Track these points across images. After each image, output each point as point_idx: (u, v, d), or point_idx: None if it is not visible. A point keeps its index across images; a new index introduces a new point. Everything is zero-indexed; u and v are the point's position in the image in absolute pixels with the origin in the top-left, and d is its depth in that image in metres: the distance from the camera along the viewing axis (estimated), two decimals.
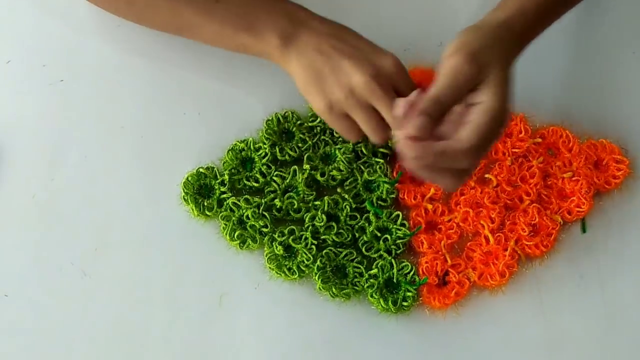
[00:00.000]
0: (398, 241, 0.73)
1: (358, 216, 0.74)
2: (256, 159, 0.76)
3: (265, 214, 0.73)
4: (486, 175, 0.76)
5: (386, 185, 0.74)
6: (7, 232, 0.75)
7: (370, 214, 0.74)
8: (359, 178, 0.75)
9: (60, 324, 0.72)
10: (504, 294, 0.73)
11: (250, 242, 0.73)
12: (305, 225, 0.73)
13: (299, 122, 0.77)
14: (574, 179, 0.75)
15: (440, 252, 0.73)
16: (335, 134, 0.76)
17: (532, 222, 0.74)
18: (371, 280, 0.72)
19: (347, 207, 0.73)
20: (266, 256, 0.73)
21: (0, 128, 0.78)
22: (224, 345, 0.72)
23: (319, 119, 0.76)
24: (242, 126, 0.78)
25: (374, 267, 0.72)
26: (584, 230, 0.76)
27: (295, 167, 0.75)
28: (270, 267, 0.73)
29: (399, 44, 0.80)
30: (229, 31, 0.71)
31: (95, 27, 0.80)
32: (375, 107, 0.66)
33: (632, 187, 0.77)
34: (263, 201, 0.74)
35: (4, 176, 0.76)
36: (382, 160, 0.75)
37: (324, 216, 0.73)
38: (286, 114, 0.77)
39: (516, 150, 0.76)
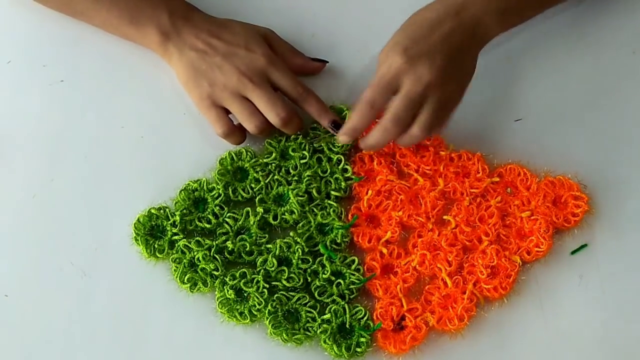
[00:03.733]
0: (352, 286, 0.71)
1: (310, 260, 0.72)
2: (209, 200, 0.74)
3: (217, 256, 0.72)
4: (444, 217, 0.75)
5: (340, 230, 0.73)
6: (7, 232, 0.74)
7: (324, 258, 0.72)
8: (313, 221, 0.73)
9: (60, 324, 0.71)
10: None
11: (201, 285, 0.71)
12: (257, 269, 0.72)
13: (253, 159, 0.75)
14: (532, 218, 0.74)
15: (396, 297, 0.72)
16: (291, 170, 0.75)
17: (491, 264, 0.73)
18: (324, 325, 0.70)
19: (299, 250, 0.72)
20: (217, 300, 0.71)
21: (1, 128, 0.78)
22: (224, 344, 0.71)
23: (273, 156, 0.75)
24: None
25: (327, 311, 0.70)
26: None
27: (248, 209, 0.74)
28: (221, 312, 0.71)
29: None
30: (114, 21, 0.76)
31: (95, 27, 0.80)
32: (247, 98, 0.72)
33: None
34: (214, 243, 0.72)
35: (4, 176, 0.76)
36: (335, 204, 0.74)
37: (274, 260, 0.71)
38: (240, 151, 0.76)
39: (474, 190, 0.75)
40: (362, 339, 0.70)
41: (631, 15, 0.84)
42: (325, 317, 0.70)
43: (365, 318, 0.70)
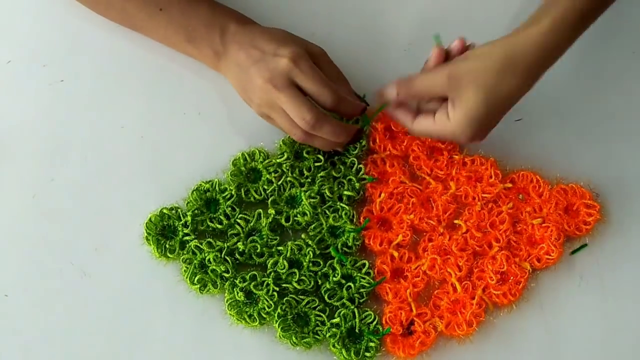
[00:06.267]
0: (361, 290, 0.71)
1: (321, 263, 0.72)
2: (221, 201, 0.74)
3: (228, 258, 0.72)
4: (455, 221, 0.75)
5: (352, 233, 0.72)
6: (7, 232, 0.74)
7: (335, 261, 0.72)
8: (324, 223, 0.73)
9: (60, 324, 0.72)
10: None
11: (210, 286, 0.71)
12: (268, 271, 0.72)
13: (266, 160, 0.75)
14: (544, 225, 0.74)
15: (405, 301, 0.72)
16: (305, 172, 0.75)
17: (501, 270, 0.73)
18: (333, 329, 0.70)
19: (310, 253, 0.72)
20: (226, 302, 0.71)
21: (1, 128, 0.77)
22: (222, 345, 0.71)
23: (286, 156, 0.75)
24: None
25: (336, 315, 0.71)
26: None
27: (260, 210, 0.73)
28: (230, 314, 0.71)
29: (399, 44, 0.80)
30: (172, 39, 0.75)
31: (95, 27, 0.80)
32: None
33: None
34: (225, 245, 0.72)
35: (4, 176, 0.76)
36: (347, 207, 0.74)
37: (285, 263, 0.71)
38: (253, 152, 0.76)
39: (486, 195, 0.75)
40: (371, 344, 0.70)
41: (631, 15, 0.83)
42: (334, 321, 0.70)
43: (375, 322, 0.70)
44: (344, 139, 0.72)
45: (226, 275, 0.71)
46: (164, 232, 0.74)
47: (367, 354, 0.70)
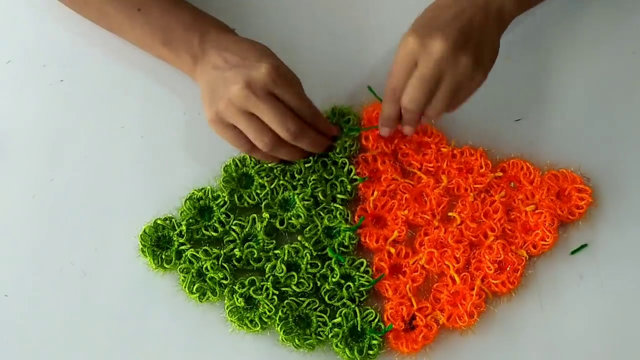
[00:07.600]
0: (361, 288, 0.71)
1: (319, 264, 0.72)
2: (214, 208, 0.74)
3: (225, 265, 0.71)
4: (450, 214, 0.75)
5: (348, 232, 0.72)
6: (7, 232, 0.74)
7: (332, 261, 0.72)
8: (319, 224, 0.73)
9: (60, 324, 0.71)
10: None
11: (210, 294, 0.71)
12: (266, 275, 0.71)
13: (257, 165, 0.75)
14: (537, 211, 0.74)
15: (405, 297, 0.72)
16: (296, 175, 0.74)
17: (498, 259, 0.73)
18: (335, 329, 0.70)
19: (308, 255, 0.71)
20: (227, 309, 0.71)
21: (1, 128, 0.77)
22: (224, 352, 0.71)
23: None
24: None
25: (337, 315, 0.70)
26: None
27: (255, 215, 0.73)
28: (231, 320, 0.70)
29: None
30: (148, 40, 0.74)
31: (96, 27, 0.79)
32: (255, 114, 0.69)
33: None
34: (222, 252, 0.72)
35: (4, 176, 0.76)
36: (342, 207, 0.73)
37: (283, 266, 0.71)
38: (244, 157, 0.75)
39: (478, 185, 0.75)
40: (374, 342, 0.70)
41: (631, 15, 0.84)
42: (336, 321, 0.70)
43: (376, 320, 0.70)
44: (318, 150, 0.73)
45: (225, 282, 0.71)
46: (159, 243, 0.73)
47: (371, 352, 0.69)
